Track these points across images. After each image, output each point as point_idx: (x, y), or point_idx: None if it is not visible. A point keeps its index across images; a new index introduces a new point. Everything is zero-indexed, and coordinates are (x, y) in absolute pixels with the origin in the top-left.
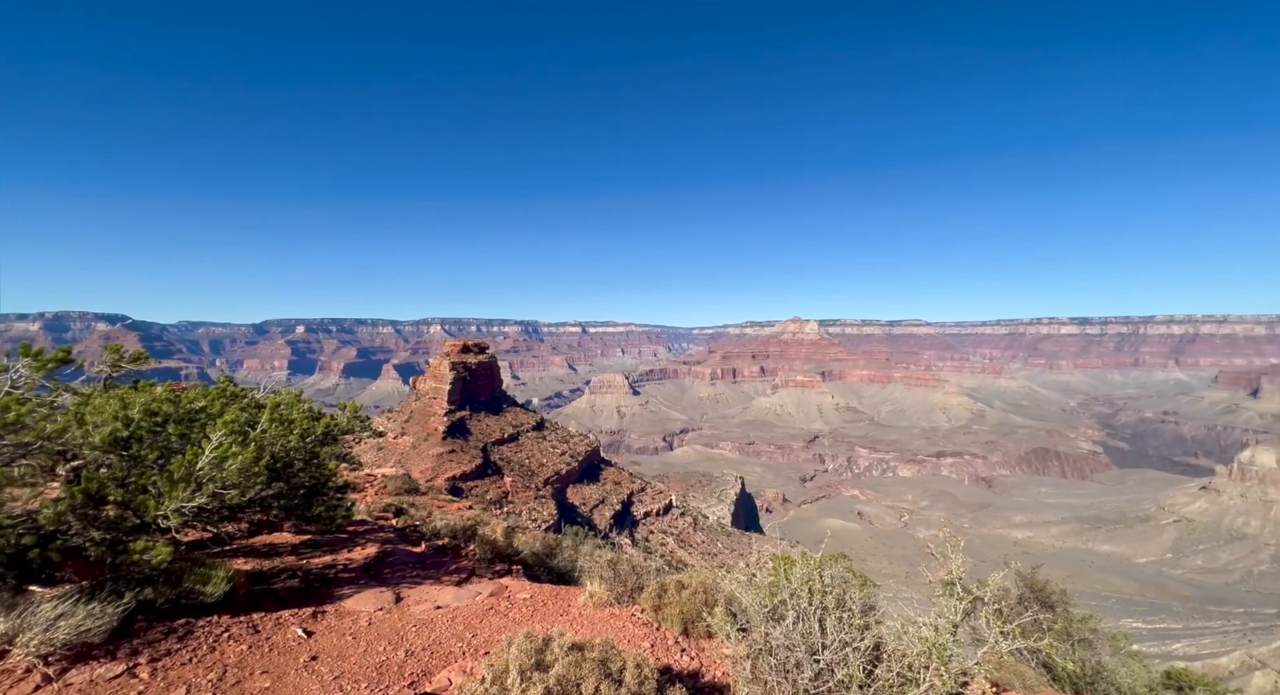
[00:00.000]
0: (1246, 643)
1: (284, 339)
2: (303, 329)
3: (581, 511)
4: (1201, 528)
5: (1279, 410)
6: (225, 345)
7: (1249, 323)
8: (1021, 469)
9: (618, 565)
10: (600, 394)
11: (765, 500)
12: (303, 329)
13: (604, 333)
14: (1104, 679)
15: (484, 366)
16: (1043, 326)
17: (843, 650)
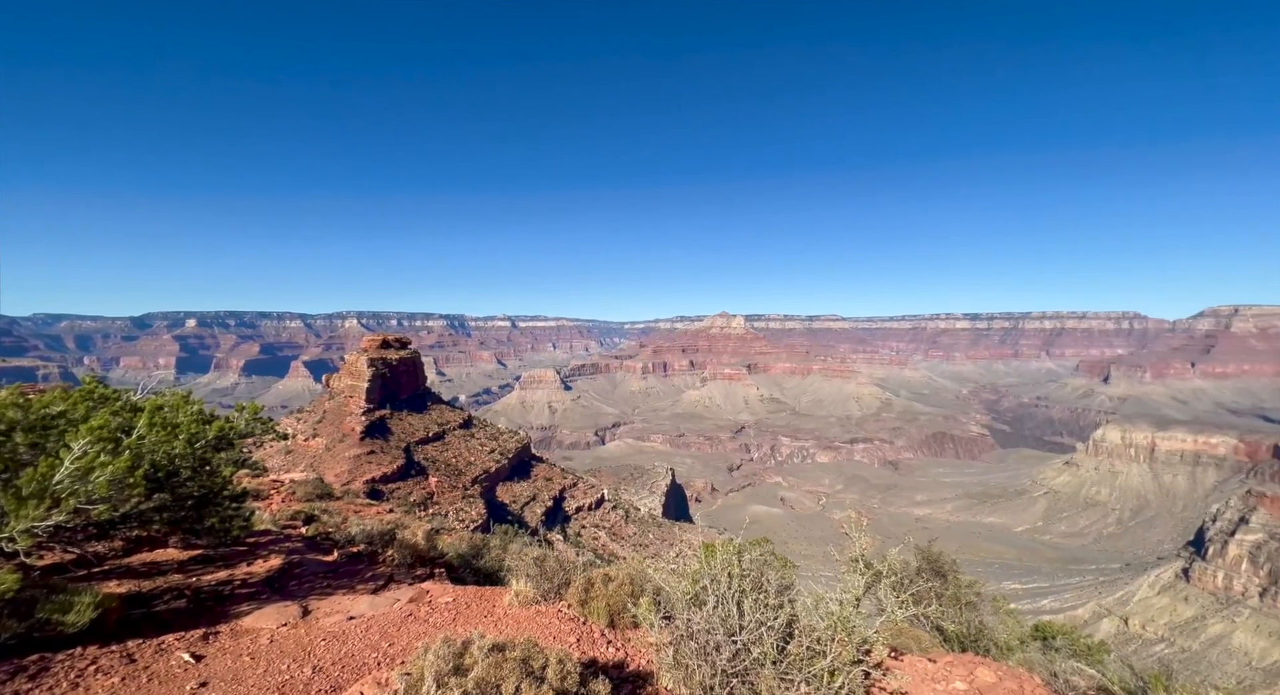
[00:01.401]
0: (1098, 595)
1: (171, 334)
2: (194, 323)
3: (512, 510)
4: (1065, 498)
5: (1125, 394)
6: (96, 341)
7: (1103, 319)
8: (923, 452)
9: (544, 562)
10: (531, 389)
11: (695, 490)
12: (194, 323)
13: (534, 327)
14: (985, 636)
15: (406, 362)
16: (941, 322)
17: (758, 630)
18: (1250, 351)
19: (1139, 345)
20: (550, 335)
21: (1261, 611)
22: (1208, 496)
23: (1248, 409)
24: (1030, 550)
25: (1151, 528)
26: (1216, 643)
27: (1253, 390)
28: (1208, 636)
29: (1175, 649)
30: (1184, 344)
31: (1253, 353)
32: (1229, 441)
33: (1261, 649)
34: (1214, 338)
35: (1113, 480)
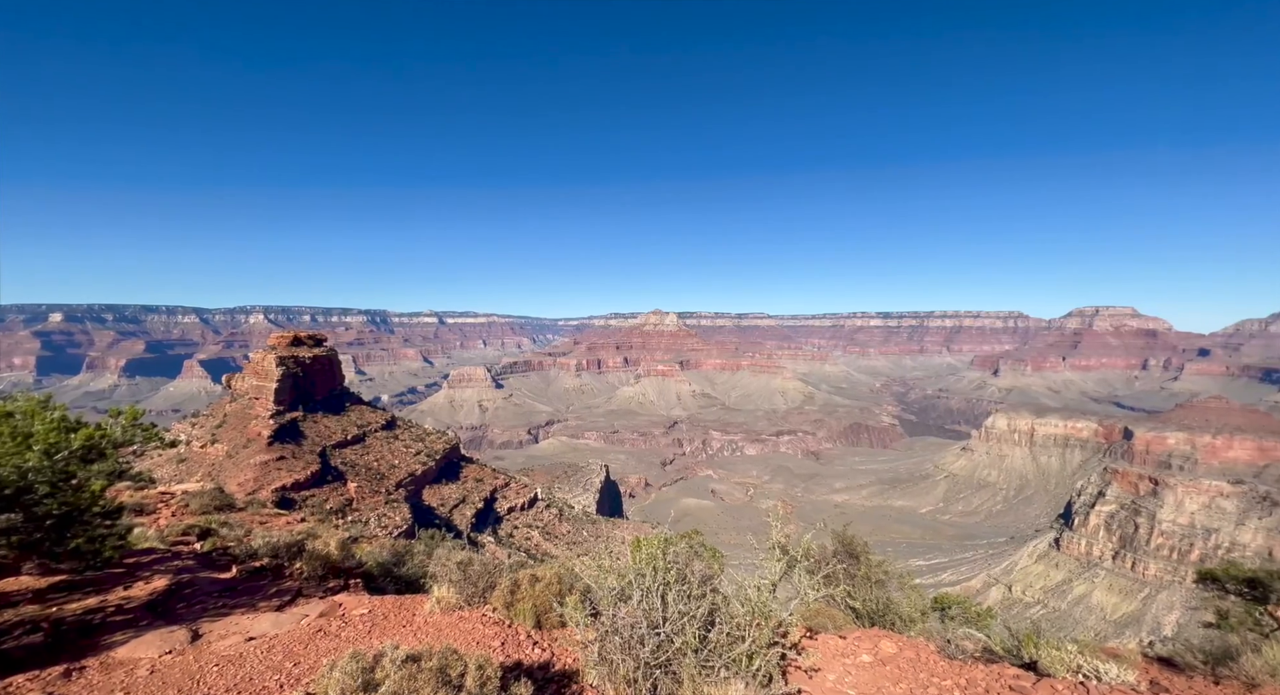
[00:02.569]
0: (987, 566)
1: (30, 329)
2: (60, 317)
3: (440, 513)
4: (962, 480)
5: (1011, 385)
6: None
7: (993, 318)
8: (841, 442)
9: (469, 566)
10: (460, 388)
11: (629, 486)
12: (60, 317)
13: (464, 324)
14: (892, 611)
15: (321, 361)
16: (858, 320)
17: (681, 620)
18: (1107, 347)
19: (1022, 341)
20: (481, 332)
21: (1114, 572)
22: (1074, 474)
23: (1105, 396)
24: (932, 529)
25: (1031, 504)
26: (1080, 602)
27: (1109, 380)
28: (1073, 596)
29: (1048, 610)
30: (1057, 340)
31: (1109, 348)
32: (1091, 425)
33: (1113, 604)
34: (1080, 335)
35: (1000, 463)
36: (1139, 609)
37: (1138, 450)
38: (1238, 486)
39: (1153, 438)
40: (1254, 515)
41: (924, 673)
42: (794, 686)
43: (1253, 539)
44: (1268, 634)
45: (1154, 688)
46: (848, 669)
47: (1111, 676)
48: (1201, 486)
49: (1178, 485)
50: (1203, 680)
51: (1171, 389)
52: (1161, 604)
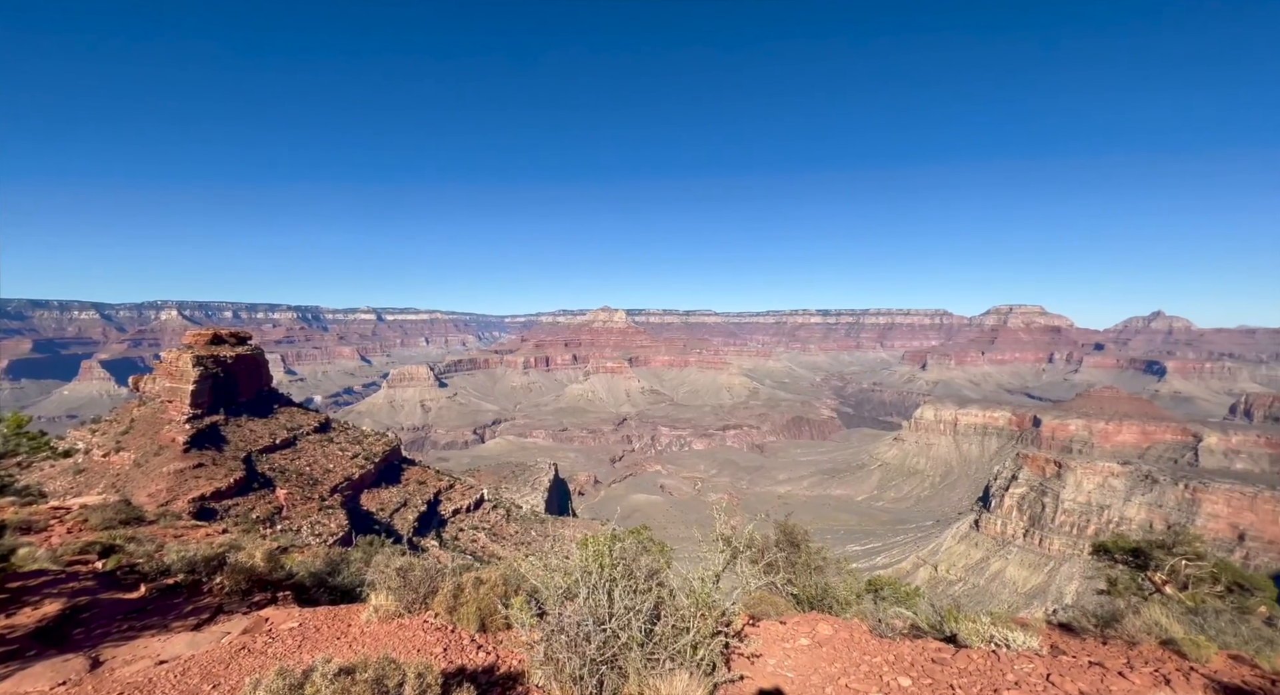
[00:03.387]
0: (916, 549)
1: None
2: None
3: (380, 518)
4: (894, 468)
5: (937, 378)
6: None
7: (921, 315)
8: (784, 435)
9: (409, 572)
10: (401, 387)
11: (578, 483)
12: None
13: (404, 321)
14: (829, 595)
15: (245, 360)
16: (799, 317)
17: (626, 615)
18: (1020, 342)
19: (947, 337)
20: (422, 329)
21: (1024, 548)
22: (992, 460)
23: (1018, 388)
24: (868, 516)
25: (955, 489)
26: (996, 577)
27: (1021, 373)
28: (990, 573)
29: (969, 586)
30: (977, 336)
31: (1021, 343)
32: (1006, 415)
33: (1024, 578)
34: (997, 331)
35: (928, 451)
36: (1045, 581)
37: (1045, 436)
38: (1125, 467)
39: (1057, 425)
40: (1138, 492)
41: (856, 651)
42: (736, 673)
43: (1137, 513)
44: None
45: (1054, 651)
46: (787, 652)
47: (1019, 644)
48: (1096, 468)
49: (1077, 467)
50: (1093, 641)
51: (1073, 380)
52: (1064, 575)
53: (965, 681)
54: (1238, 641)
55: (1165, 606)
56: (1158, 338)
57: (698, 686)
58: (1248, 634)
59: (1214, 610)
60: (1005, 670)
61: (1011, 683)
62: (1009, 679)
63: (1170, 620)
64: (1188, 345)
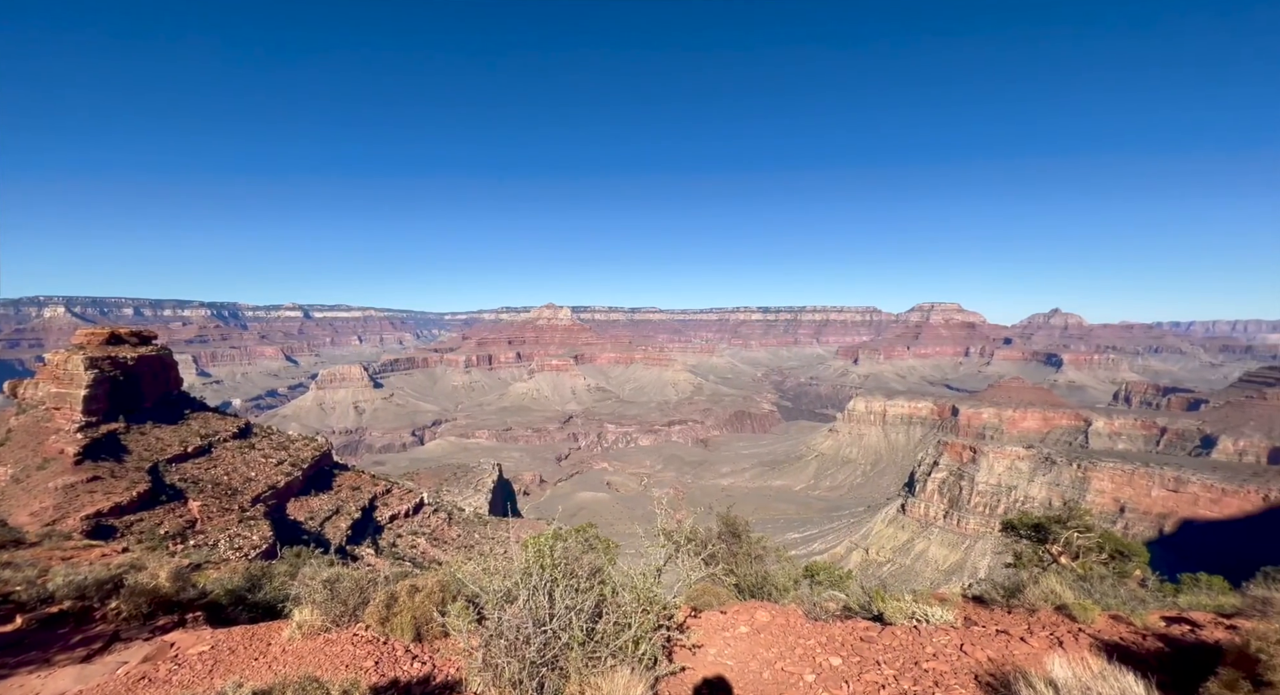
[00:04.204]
0: (850, 534)
1: None
2: None
3: (309, 527)
4: (829, 458)
5: (868, 372)
6: None
7: (853, 312)
8: (727, 429)
9: (337, 583)
10: (332, 388)
11: (523, 483)
12: None
13: (335, 318)
14: (769, 582)
15: (150, 361)
16: (741, 314)
17: (567, 615)
18: (940, 337)
19: (877, 333)
20: (355, 327)
21: (945, 529)
22: (916, 448)
23: (939, 380)
24: (805, 505)
25: (884, 476)
26: (920, 557)
27: (942, 366)
28: (915, 553)
29: (897, 567)
30: (903, 332)
31: (942, 338)
32: (928, 405)
33: (944, 556)
34: (920, 327)
35: (860, 441)
36: (963, 558)
37: (962, 424)
38: (1029, 450)
39: (972, 414)
40: (1040, 473)
41: (792, 636)
42: (678, 665)
43: (1039, 492)
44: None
45: (967, 622)
46: (727, 641)
47: (937, 618)
48: (1005, 452)
49: (989, 452)
50: (1001, 611)
51: (986, 372)
52: (978, 552)
53: (890, 657)
54: (1117, 603)
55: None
56: (1056, 332)
57: (639, 681)
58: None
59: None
60: (925, 643)
61: (930, 655)
62: (928, 651)
63: (1063, 588)
64: (1080, 339)
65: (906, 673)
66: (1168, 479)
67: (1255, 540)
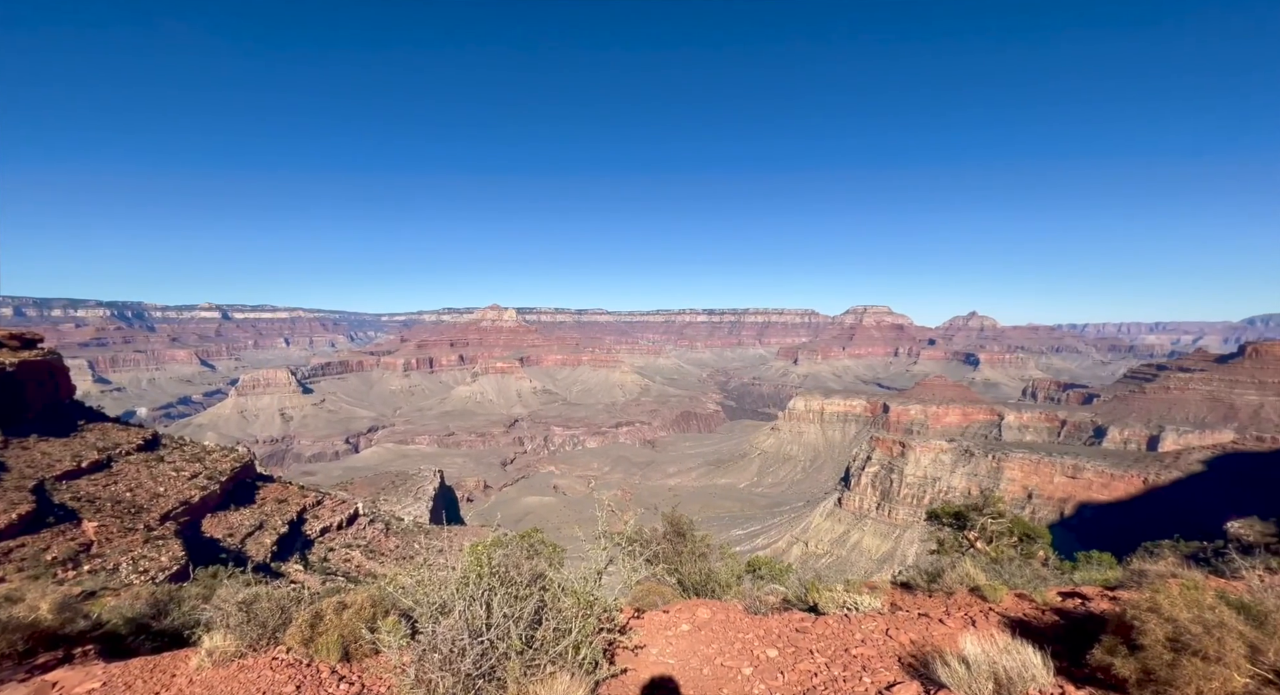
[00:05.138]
0: (791, 528)
1: None
2: None
3: (228, 545)
4: (772, 456)
5: (807, 372)
6: None
7: (793, 314)
8: (674, 429)
9: (255, 604)
10: (254, 395)
11: (467, 489)
12: None
13: (258, 319)
14: (713, 579)
15: (34, 367)
16: (686, 316)
17: (505, 624)
18: (872, 338)
19: (815, 335)
20: (282, 329)
21: (877, 520)
22: (851, 444)
23: (871, 379)
24: (749, 501)
25: (823, 471)
26: (855, 547)
27: (873, 366)
28: (850, 544)
29: (834, 558)
30: (839, 333)
31: (873, 339)
32: (862, 403)
33: (877, 546)
34: (854, 329)
35: (800, 438)
36: (893, 547)
37: (892, 421)
38: (951, 444)
39: (901, 410)
40: (960, 465)
41: (732, 631)
42: (619, 667)
43: (960, 482)
44: (964, 552)
45: (893, 608)
46: (669, 640)
47: (865, 606)
48: (930, 446)
49: (916, 446)
50: (923, 596)
51: (913, 371)
52: (907, 541)
53: (822, 645)
54: (1023, 582)
55: (975, 559)
56: (973, 334)
57: (579, 686)
58: (1030, 575)
59: (1009, 558)
60: (854, 630)
61: (859, 641)
62: (857, 637)
63: (977, 571)
64: (994, 340)
65: (837, 660)
66: (1067, 467)
67: (1138, 518)
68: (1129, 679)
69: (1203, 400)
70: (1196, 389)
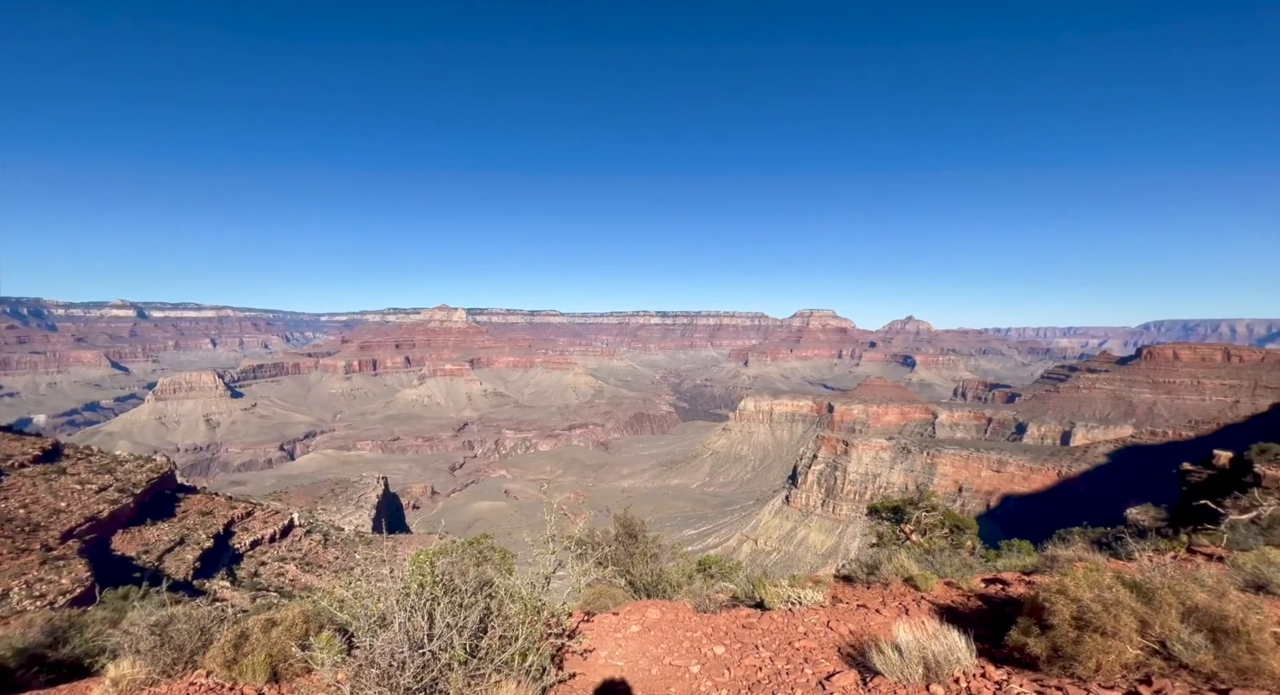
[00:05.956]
0: (741, 526)
1: None
2: None
3: (143, 563)
4: (723, 456)
5: (756, 373)
6: None
7: (743, 317)
8: (627, 431)
9: (171, 626)
10: (176, 399)
11: (413, 496)
12: None
13: (180, 318)
14: (664, 580)
15: None
16: (640, 318)
17: (448, 634)
18: (818, 341)
19: (764, 337)
20: (207, 329)
21: (822, 516)
22: (799, 443)
23: (817, 380)
24: (701, 501)
25: (771, 470)
26: (802, 543)
27: (819, 367)
28: (797, 540)
29: (782, 554)
30: (787, 336)
31: (819, 342)
32: (808, 403)
33: (822, 541)
34: (801, 332)
35: (750, 438)
36: (837, 542)
37: (837, 420)
38: (890, 442)
39: (844, 410)
40: (899, 462)
41: (681, 630)
42: (568, 672)
43: (898, 478)
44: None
45: (835, 601)
46: (618, 642)
47: (808, 599)
48: (871, 444)
49: (859, 444)
50: (862, 587)
51: (855, 372)
52: (850, 535)
53: (767, 640)
54: (951, 571)
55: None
56: (910, 337)
57: (526, 693)
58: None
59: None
60: (798, 624)
61: (802, 634)
62: (800, 631)
63: (911, 562)
64: (929, 342)
65: (781, 653)
66: (993, 462)
67: (1054, 508)
68: (1040, 656)
69: (1107, 398)
70: (1102, 388)
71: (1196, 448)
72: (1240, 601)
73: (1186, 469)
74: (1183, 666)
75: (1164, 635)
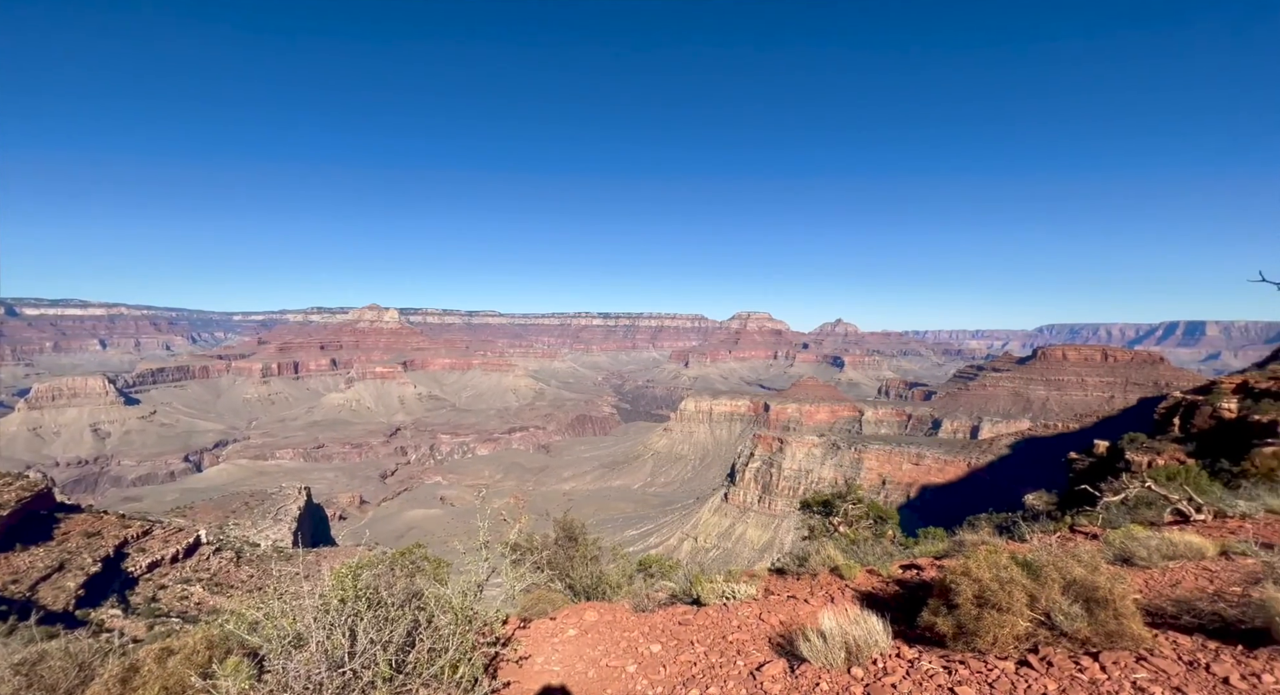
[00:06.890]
0: (682, 525)
1: None
2: None
3: (12, 593)
4: (664, 456)
5: (697, 374)
6: None
7: (684, 319)
8: (569, 433)
9: (41, 664)
10: (55, 407)
11: (339, 506)
12: None
13: (61, 316)
14: (604, 582)
15: None
16: (582, 319)
17: (372, 650)
18: (755, 342)
19: (704, 339)
20: (96, 328)
21: (759, 512)
22: (737, 441)
23: (754, 380)
24: (643, 501)
25: (711, 469)
26: (740, 539)
27: (756, 368)
28: (735, 536)
29: (721, 551)
30: (725, 338)
31: (756, 343)
32: (746, 403)
33: (759, 536)
34: (739, 334)
35: (690, 438)
36: (773, 536)
37: (772, 419)
38: (821, 439)
39: (779, 409)
40: (829, 458)
41: (618, 631)
42: (501, 681)
43: (829, 473)
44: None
45: (767, 593)
46: (554, 647)
47: (742, 594)
48: (804, 441)
49: (793, 442)
50: (793, 579)
51: (789, 372)
52: (785, 530)
53: (702, 636)
54: (874, 559)
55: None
56: (839, 338)
57: None
58: (880, 552)
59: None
60: (732, 618)
61: (735, 627)
62: (734, 624)
63: (836, 552)
64: (856, 344)
65: (715, 647)
66: (912, 456)
67: (965, 496)
68: (947, 634)
69: (1009, 395)
70: (1004, 386)
71: (1082, 438)
72: (1109, 573)
73: (1072, 458)
74: (1063, 635)
75: (1049, 607)
